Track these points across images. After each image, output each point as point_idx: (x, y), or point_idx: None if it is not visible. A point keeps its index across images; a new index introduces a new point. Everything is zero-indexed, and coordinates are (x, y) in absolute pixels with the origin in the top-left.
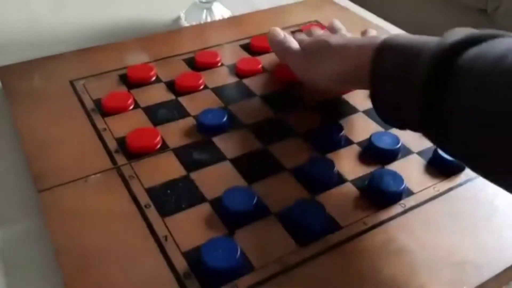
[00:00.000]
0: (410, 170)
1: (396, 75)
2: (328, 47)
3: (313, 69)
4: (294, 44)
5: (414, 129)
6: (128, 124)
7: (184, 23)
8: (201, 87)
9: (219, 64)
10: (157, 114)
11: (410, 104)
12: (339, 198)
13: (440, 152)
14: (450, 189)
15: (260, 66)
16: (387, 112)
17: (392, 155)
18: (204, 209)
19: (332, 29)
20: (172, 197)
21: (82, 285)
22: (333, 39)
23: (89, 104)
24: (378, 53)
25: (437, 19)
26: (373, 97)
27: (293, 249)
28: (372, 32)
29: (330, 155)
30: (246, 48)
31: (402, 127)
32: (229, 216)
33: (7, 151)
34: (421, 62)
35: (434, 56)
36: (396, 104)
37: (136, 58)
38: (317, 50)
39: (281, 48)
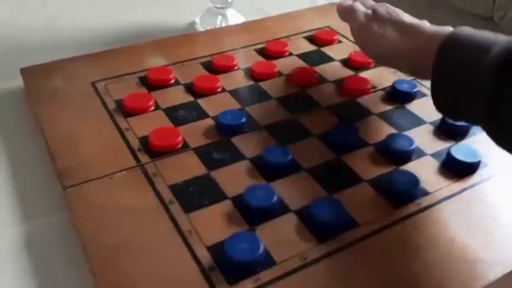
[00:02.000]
0: (424, 171)
1: (462, 70)
2: (400, 23)
3: (376, 39)
4: (362, 9)
5: (474, 122)
6: (149, 124)
7: (199, 28)
8: (219, 89)
9: (236, 67)
10: (177, 115)
11: (474, 99)
12: (356, 197)
13: (453, 154)
14: (464, 189)
15: (275, 69)
16: (446, 104)
17: (407, 156)
18: (225, 205)
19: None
20: (194, 194)
21: (109, 277)
22: (406, 17)
23: (111, 105)
24: (444, 46)
25: None
26: (434, 88)
27: (313, 245)
28: None
29: (346, 156)
30: (261, 52)
31: (459, 119)
32: (250, 212)
33: (30, 148)
34: (490, 61)
35: (502, 56)
36: (458, 98)
37: (154, 61)
38: (387, 22)
39: (348, 10)
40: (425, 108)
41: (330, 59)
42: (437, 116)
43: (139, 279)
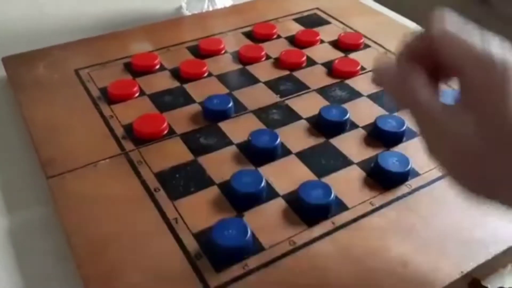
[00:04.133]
0: (416, 152)
1: None
2: None
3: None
4: (431, 97)
5: None
6: (134, 111)
7: (186, 12)
8: (206, 74)
9: (223, 51)
10: (163, 101)
11: None
12: (346, 180)
13: None
14: None
15: (263, 52)
16: None
17: (398, 137)
18: (212, 192)
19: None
20: (180, 181)
21: (94, 268)
22: None
23: (95, 92)
24: None
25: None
26: None
27: (302, 229)
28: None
29: (336, 139)
30: (249, 35)
31: None
32: (238, 198)
33: (13, 139)
34: None
35: None
36: None
37: (139, 47)
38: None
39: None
40: None
41: (319, 41)
42: None
43: (125, 269)
